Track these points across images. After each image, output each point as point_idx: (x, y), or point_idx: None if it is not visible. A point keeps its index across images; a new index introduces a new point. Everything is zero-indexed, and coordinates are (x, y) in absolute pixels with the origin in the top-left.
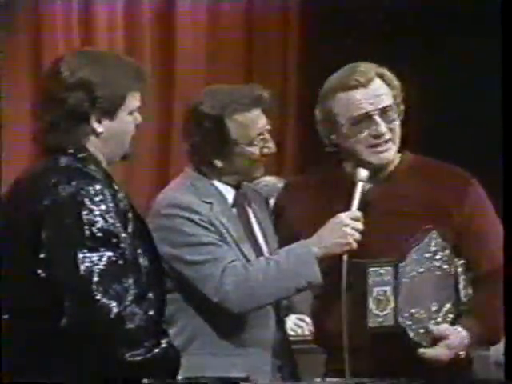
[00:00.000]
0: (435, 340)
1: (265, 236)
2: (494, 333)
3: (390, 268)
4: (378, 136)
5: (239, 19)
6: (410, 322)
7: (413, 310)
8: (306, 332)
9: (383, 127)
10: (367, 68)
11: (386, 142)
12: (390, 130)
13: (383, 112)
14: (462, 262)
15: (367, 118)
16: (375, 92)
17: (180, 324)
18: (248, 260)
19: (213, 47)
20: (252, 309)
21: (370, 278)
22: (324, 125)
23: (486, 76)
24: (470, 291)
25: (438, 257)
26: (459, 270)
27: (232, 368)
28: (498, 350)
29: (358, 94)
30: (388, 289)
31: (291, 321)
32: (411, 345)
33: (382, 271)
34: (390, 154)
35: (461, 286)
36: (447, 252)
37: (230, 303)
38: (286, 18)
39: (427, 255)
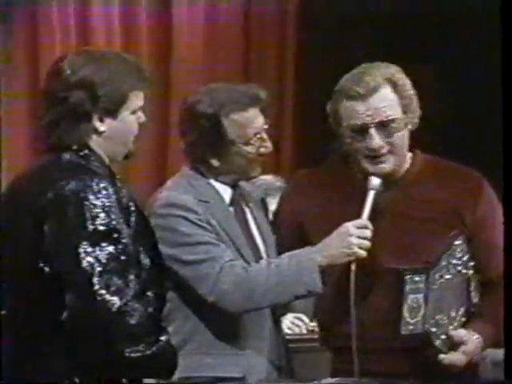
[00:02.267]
0: (454, 345)
1: (262, 235)
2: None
3: (423, 275)
4: (371, 149)
5: (236, 19)
6: (435, 329)
7: (437, 317)
8: (304, 331)
9: (377, 142)
10: (375, 75)
11: (382, 155)
12: (390, 143)
13: (383, 125)
14: (472, 264)
15: (364, 129)
16: (377, 104)
17: (176, 323)
18: (245, 259)
19: (210, 47)
20: (248, 310)
21: (407, 286)
22: (332, 121)
23: (486, 75)
24: (479, 293)
25: (461, 262)
26: (470, 272)
27: (228, 368)
28: (494, 349)
29: (357, 105)
30: (420, 296)
31: (288, 320)
32: (434, 352)
33: (417, 278)
34: (387, 165)
35: (472, 288)
36: (467, 257)
37: (226, 302)
38: (284, 17)
39: (454, 261)
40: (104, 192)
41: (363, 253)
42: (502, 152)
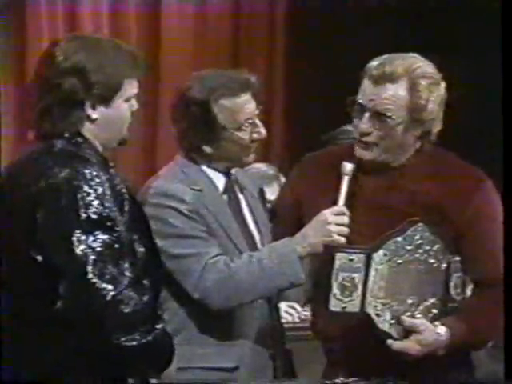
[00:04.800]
0: (407, 333)
1: (256, 223)
2: (477, 338)
3: (361, 255)
4: (358, 131)
5: (226, 6)
6: (379, 312)
7: (384, 300)
8: (296, 320)
9: (364, 127)
10: (397, 66)
11: (368, 141)
12: (380, 136)
13: (378, 114)
14: (457, 259)
15: (361, 110)
16: (384, 94)
17: (168, 313)
18: (238, 248)
19: (199, 35)
20: (233, 306)
21: (337, 263)
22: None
23: (486, 74)
24: (467, 292)
25: (421, 250)
26: (452, 266)
27: (221, 358)
28: None
29: (368, 86)
30: (357, 276)
31: (281, 308)
32: (379, 335)
33: (352, 257)
34: (370, 153)
35: (452, 283)
36: (437, 247)
37: (210, 300)
38: (273, 3)
39: (409, 247)
40: (97, 180)
41: (342, 239)
42: (502, 151)
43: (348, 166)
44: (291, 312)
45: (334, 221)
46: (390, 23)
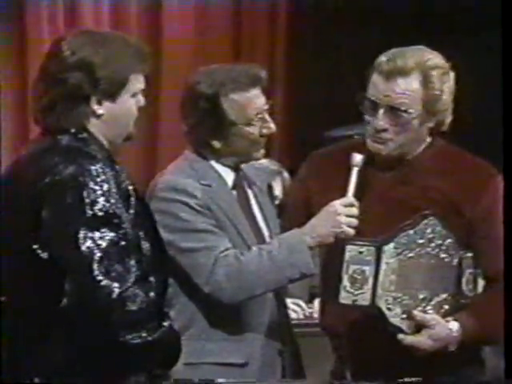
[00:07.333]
0: (418, 327)
1: (265, 219)
2: (490, 333)
3: (372, 248)
4: (373, 128)
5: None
6: (390, 306)
7: (395, 294)
8: (301, 316)
9: (381, 123)
10: (408, 59)
11: (383, 137)
12: (396, 131)
13: (394, 110)
14: (469, 255)
15: (375, 107)
16: (398, 88)
17: (177, 309)
18: (247, 244)
19: (200, 28)
20: (244, 299)
21: (347, 255)
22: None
23: (486, 74)
24: (479, 288)
25: (433, 244)
26: (465, 262)
27: (230, 353)
28: None
29: (380, 82)
30: (367, 268)
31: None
32: (390, 329)
33: (362, 250)
34: (385, 147)
35: (464, 279)
36: (449, 242)
37: (221, 294)
38: None
39: (420, 241)
40: (103, 177)
41: (352, 231)
42: (502, 151)
43: (357, 157)
44: (296, 309)
45: (343, 212)
46: (391, 16)
